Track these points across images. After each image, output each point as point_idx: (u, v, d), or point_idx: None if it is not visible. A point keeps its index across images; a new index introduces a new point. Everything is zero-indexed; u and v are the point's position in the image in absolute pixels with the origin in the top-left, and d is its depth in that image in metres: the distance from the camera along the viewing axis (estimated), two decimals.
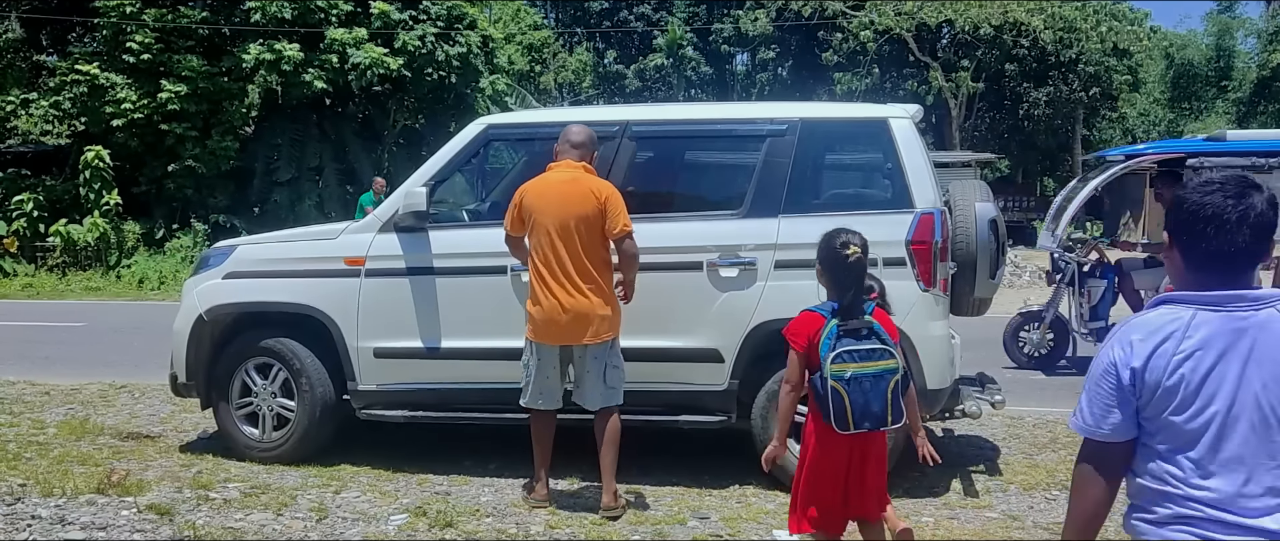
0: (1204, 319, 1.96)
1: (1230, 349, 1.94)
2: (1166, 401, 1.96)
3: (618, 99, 38.95)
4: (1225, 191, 1.97)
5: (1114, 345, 2.03)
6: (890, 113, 5.34)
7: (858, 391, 3.37)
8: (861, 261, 3.51)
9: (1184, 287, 2.02)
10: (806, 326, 3.50)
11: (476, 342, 5.33)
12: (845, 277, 3.50)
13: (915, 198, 5.06)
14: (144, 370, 8.44)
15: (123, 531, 4.44)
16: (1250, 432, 1.93)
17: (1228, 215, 1.96)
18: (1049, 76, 33.51)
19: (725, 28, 38.40)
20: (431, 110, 22.89)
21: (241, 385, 5.72)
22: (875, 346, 3.42)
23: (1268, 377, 1.93)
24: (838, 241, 3.53)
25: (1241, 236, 1.96)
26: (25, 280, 18.06)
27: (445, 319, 5.37)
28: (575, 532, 4.56)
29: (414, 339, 5.39)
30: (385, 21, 20.49)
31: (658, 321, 5.11)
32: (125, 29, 19.84)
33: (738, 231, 5.15)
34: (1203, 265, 2.00)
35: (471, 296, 5.37)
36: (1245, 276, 2.00)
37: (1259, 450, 1.92)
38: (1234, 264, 1.98)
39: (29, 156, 23.66)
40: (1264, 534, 1.88)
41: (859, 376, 3.37)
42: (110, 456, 5.82)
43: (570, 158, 4.85)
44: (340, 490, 5.17)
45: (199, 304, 5.72)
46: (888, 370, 3.41)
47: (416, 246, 5.40)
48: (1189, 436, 1.95)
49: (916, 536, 4.54)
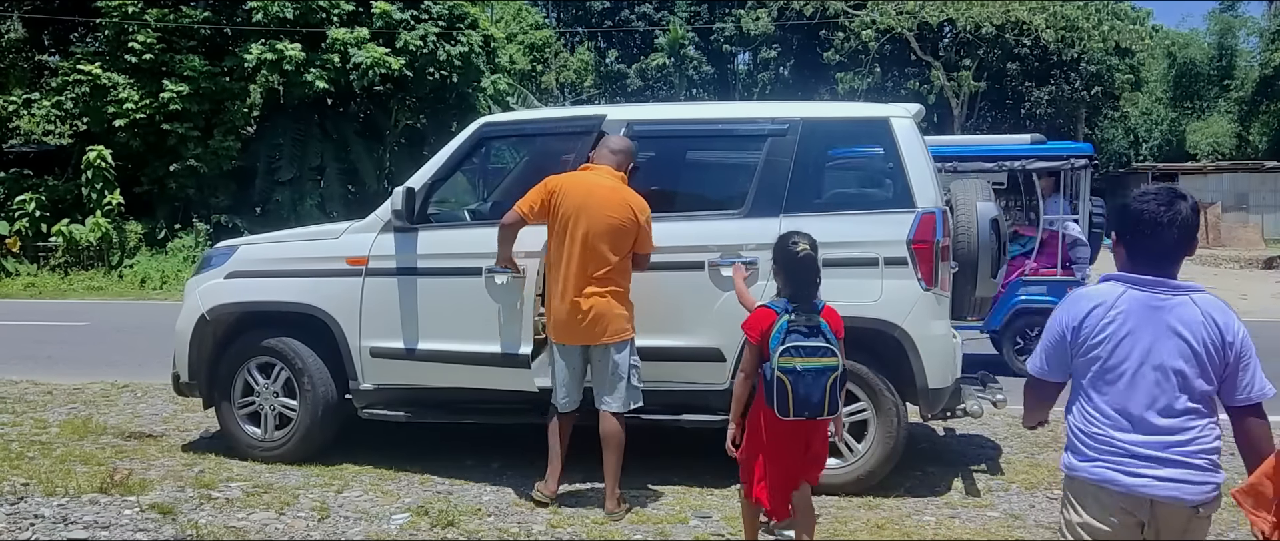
0: (1131, 296, 2.55)
1: (1146, 322, 2.53)
2: (1093, 352, 2.56)
3: (619, 98, 38.93)
4: (1159, 200, 2.55)
5: (1065, 307, 2.65)
6: (892, 112, 5.34)
7: (800, 384, 3.65)
8: (811, 258, 3.81)
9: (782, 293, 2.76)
10: (762, 321, 3.77)
11: (479, 344, 5.32)
12: (796, 274, 3.81)
13: (917, 197, 5.06)
14: (146, 370, 8.45)
15: (125, 530, 4.45)
16: (1153, 385, 2.51)
17: (1161, 218, 2.53)
18: (1051, 75, 33.50)
19: (727, 27, 38.37)
20: (433, 110, 22.89)
21: (244, 384, 5.73)
22: (820, 344, 3.71)
23: (1170, 347, 2.50)
24: (790, 241, 3.85)
25: (1170, 235, 2.54)
26: (28, 280, 18.08)
27: (448, 319, 5.37)
28: (577, 532, 4.57)
29: (416, 339, 5.39)
30: (387, 21, 20.50)
31: (660, 321, 5.11)
32: (127, 29, 19.86)
33: (739, 231, 5.15)
34: (1139, 256, 2.58)
35: (474, 297, 5.36)
36: (1172, 267, 2.57)
37: (1157, 399, 2.51)
38: (1164, 257, 2.56)
39: (31, 156, 23.68)
40: (1153, 459, 2.51)
41: (803, 370, 3.66)
42: (113, 456, 5.83)
43: (609, 165, 4.89)
44: (342, 489, 5.17)
45: (201, 303, 5.73)
46: (829, 367, 3.69)
47: (419, 246, 5.39)
48: (1108, 383, 2.55)
49: (917, 536, 4.55)
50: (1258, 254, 24.09)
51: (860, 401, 5.08)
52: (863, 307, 5.00)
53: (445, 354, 5.33)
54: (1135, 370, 2.52)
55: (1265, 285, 17.79)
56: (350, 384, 5.52)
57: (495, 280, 5.10)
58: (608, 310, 4.76)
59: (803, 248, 3.81)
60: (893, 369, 5.07)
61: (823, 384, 3.67)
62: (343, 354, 5.48)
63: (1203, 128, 39.13)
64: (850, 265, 5.04)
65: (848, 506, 4.94)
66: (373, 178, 21.69)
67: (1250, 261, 22.79)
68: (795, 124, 5.28)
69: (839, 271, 5.03)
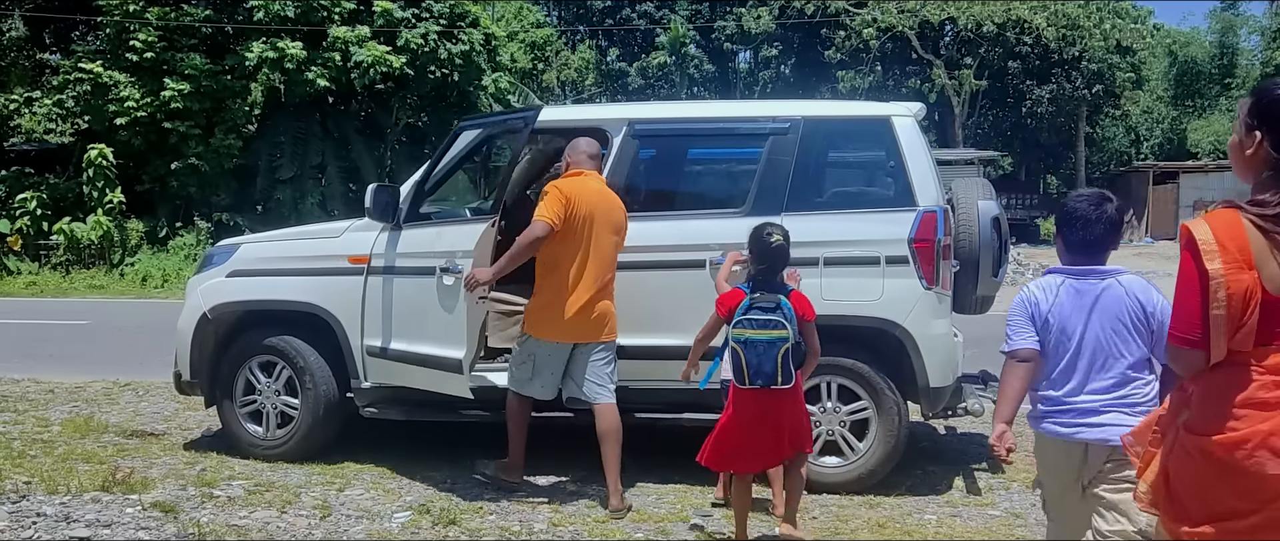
0: (1070, 284, 3.07)
1: (1081, 306, 3.04)
2: (1045, 336, 3.06)
3: (620, 96, 38.92)
4: (1089, 201, 3.11)
5: (1023, 297, 3.13)
6: (893, 110, 5.34)
7: (753, 353, 4.02)
8: (783, 247, 4.18)
9: (1063, 264, 3.16)
10: (731, 299, 4.18)
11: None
12: (765, 259, 4.18)
13: (918, 196, 5.06)
14: (148, 368, 8.45)
15: (127, 529, 4.45)
16: (1092, 358, 3.01)
17: (1090, 215, 3.08)
18: (1052, 74, 33.47)
19: (728, 25, 38.36)
20: (434, 108, 22.89)
21: (245, 383, 5.73)
22: (772, 318, 4.05)
23: (1103, 324, 3.01)
24: (764, 231, 4.22)
25: (1098, 229, 3.08)
26: (29, 278, 18.09)
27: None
28: (578, 530, 4.57)
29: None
30: (388, 19, 20.49)
31: (661, 319, 5.12)
32: (128, 27, 19.86)
33: (740, 229, 5.15)
34: (1073, 248, 3.12)
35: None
36: (1101, 257, 3.11)
37: (1096, 369, 3.01)
38: (1093, 248, 3.09)
39: (32, 155, 23.69)
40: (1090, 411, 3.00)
41: (754, 341, 4.02)
42: (115, 454, 5.84)
43: (590, 168, 4.98)
44: (344, 488, 5.18)
45: (203, 302, 5.73)
46: (779, 338, 4.03)
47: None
48: (1056, 359, 3.05)
49: (918, 534, 4.55)
50: None
51: (861, 400, 5.08)
52: (864, 306, 5.01)
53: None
54: (1077, 346, 3.01)
55: None
56: (352, 382, 5.53)
57: (444, 281, 5.01)
58: (609, 309, 4.93)
59: (776, 238, 4.16)
60: (894, 367, 5.08)
61: (774, 354, 4.01)
62: (344, 352, 5.48)
63: (1204, 126, 39.10)
64: (852, 264, 5.05)
65: (849, 505, 4.95)
66: (374, 176, 21.64)
67: None
68: (796, 123, 5.28)
69: (840, 270, 5.05)
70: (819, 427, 5.08)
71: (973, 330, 5.79)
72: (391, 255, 5.36)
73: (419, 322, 5.23)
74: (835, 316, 5.04)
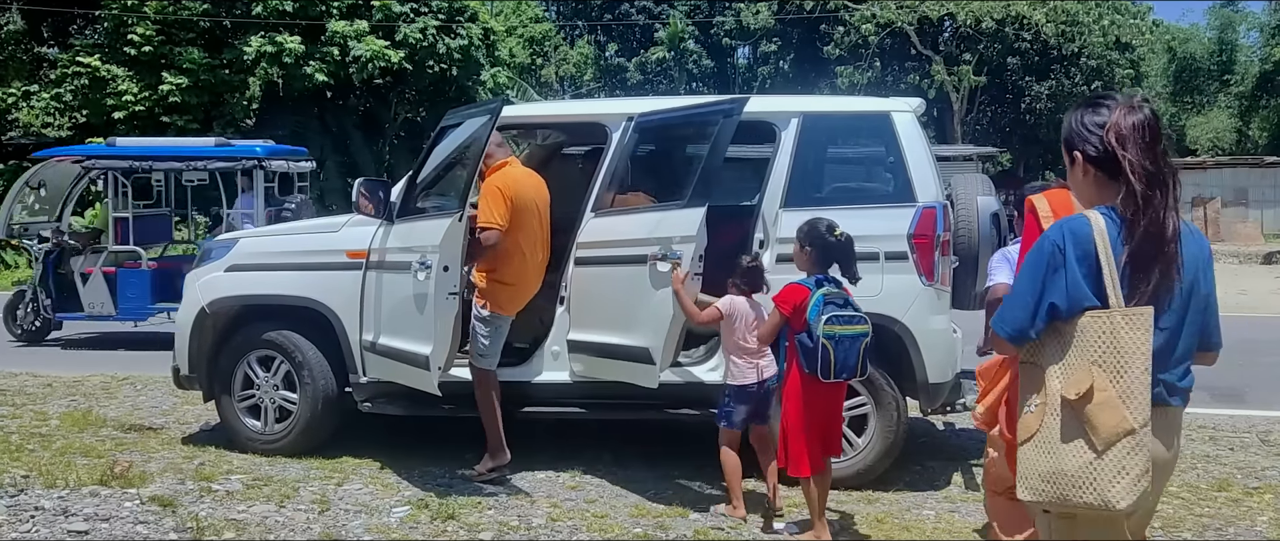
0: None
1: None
2: None
3: (619, 92, 38.87)
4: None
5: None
6: (892, 106, 5.34)
7: (841, 348, 4.13)
8: (848, 238, 4.32)
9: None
10: (795, 296, 4.25)
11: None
12: (830, 253, 4.33)
13: (917, 191, 5.06)
14: (146, 362, 8.45)
15: (125, 523, 4.45)
16: None
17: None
18: (1051, 70, 33.43)
19: (727, 21, 38.30)
20: (433, 103, 22.86)
21: (244, 377, 5.72)
22: (855, 313, 4.22)
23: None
24: (824, 226, 4.35)
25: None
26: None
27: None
28: (577, 524, 4.57)
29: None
30: (386, 14, 20.47)
31: (659, 314, 5.10)
32: (127, 21, 19.83)
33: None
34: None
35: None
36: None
37: None
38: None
39: (30, 148, 23.64)
40: None
41: (842, 336, 4.13)
42: (113, 448, 5.83)
43: (512, 156, 5.46)
44: (342, 482, 5.18)
45: (201, 297, 5.73)
46: (862, 333, 4.21)
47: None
48: None
49: (916, 530, 4.56)
50: (1257, 249, 24.08)
51: (859, 395, 5.08)
52: (863, 302, 4.99)
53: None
54: None
55: (1264, 281, 17.79)
56: (350, 378, 5.52)
57: (418, 276, 4.92)
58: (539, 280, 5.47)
59: (839, 231, 4.33)
60: (893, 363, 5.08)
61: (857, 347, 4.18)
62: (343, 348, 5.48)
63: (1203, 123, 39.10)
64: None
65: (847, 500, 4.95)
66: (372, 171, 21.64)
67: (1249, 257, 22.78)
68: (796, 118, 5.28)
69: None
70: None
71: (972, 326, 5.80)
72: (384, 250, 5.34)
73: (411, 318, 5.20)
74: None
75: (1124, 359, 2.18)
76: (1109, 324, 2.20)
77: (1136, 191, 2.22)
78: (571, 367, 5.27)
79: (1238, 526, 4.65)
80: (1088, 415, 2.19)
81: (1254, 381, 7.86)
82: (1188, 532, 4.57)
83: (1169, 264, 2.24)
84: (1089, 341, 2.22)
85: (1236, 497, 5.09)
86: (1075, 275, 2.24)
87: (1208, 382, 8.30)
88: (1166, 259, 2.24)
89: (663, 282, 4.64)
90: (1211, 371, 2.57)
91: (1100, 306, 2.23)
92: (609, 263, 5.11)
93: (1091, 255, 2.23)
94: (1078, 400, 2.20)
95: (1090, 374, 2.20)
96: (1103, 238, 2.23)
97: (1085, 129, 2.34)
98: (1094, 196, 2.33)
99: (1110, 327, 2.20)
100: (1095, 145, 2.30)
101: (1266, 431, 6.44)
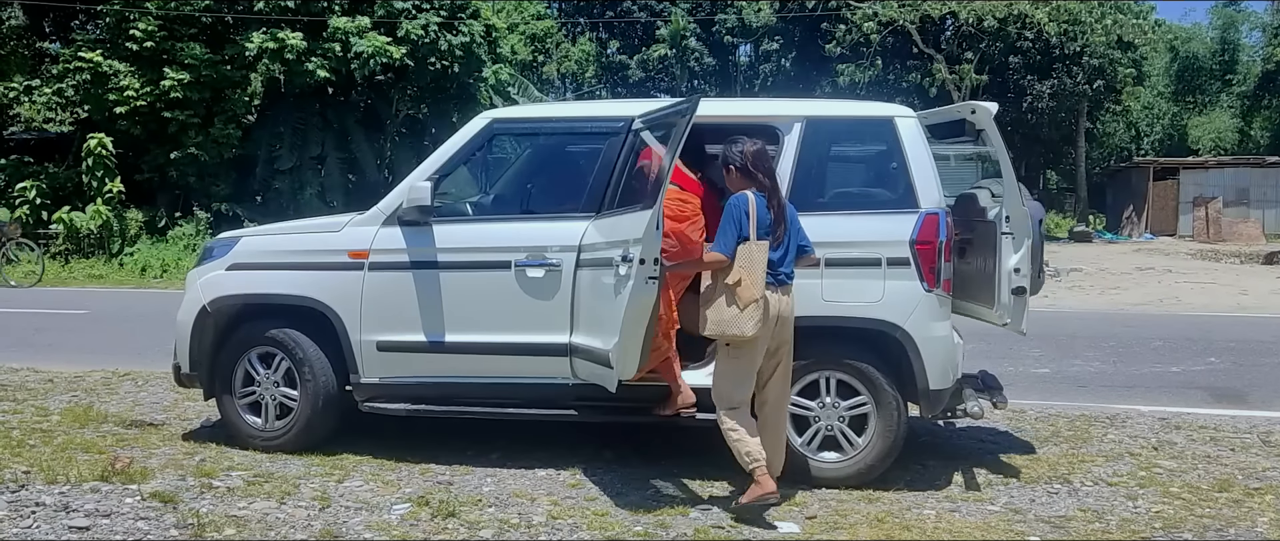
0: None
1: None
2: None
3: (620, 90, 38.89)
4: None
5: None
6: (896, 111, 5.33)
7: None
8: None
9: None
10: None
11: (480, 337, 5.33)
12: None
13: (920, 197, 5.05)
14: (147, 358, 8.46)
15: (126, 519, 4.45)
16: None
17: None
18: (1053, 69, 33.42)
19: (729, 19, 38.28)
20: (434, 99, 22.88)
21: (244, 374, 5.72)
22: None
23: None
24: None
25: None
26: (29, 267, 18.08)
27: (448, 313, 5.37)
28: (577, 522, 4.57)
29: (417, 333, 5.39)
30: (388, 10, 20.47)
31: (620, 318, 5.08)
32: (128, 16, 19.83)
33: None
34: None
35: (475, 291, 5.36)
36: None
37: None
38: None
39: (32, 144, 23.70)
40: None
41: None
42: (114, 444, 5.84)
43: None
44: (343, 479, 5.18)
45: (203, 295, 5.72)
46: None
47: (420, 240, 5.39)
48: None
49: (917, 529, 4.56)
50: (1258, 249, 24.07)
51: (860, 395, 5.08)
52: (865, 308, 5.01)
53: (447, 346, 5.33)
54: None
55: (1265, 280, 17.79)
56: (351, 378, 5.52)
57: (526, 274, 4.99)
58: None
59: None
60: (894, 369, 5.08)
61: None
62: (344, 347, 5.47)
63: (1204, 122, 39.12)
64: (853, 265, 5.05)
65: (848, 499, 4.95)
66: (373, 167, 21.69)
67: (1251, 256, 22.79)
68: (798, 123, 5.27)
69: (841, 271, 5.05)
70: (818, 422, 5.09)
71: (975, 328, 5.80)
72: (435, 250, 5.33)
73: (466, 315, 5.27)
74: (835, 317, 5.06)
75: (755, 266, 4.47)
76: (749, 248, 4.48)
77: (767, 185, 4.62)
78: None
79: (1238, 527, 4.65)
80: (737, 293, 4.45)
81: (1255, 382, 7.85)
82: (1188, 533, 4.57)
83: (780, 218, 4.61)
84: (741, 257, 4.47)
85: (1237, 498, 5.09)
86: (743, 224, 4.50)
87: (1209, 383, 8.35)
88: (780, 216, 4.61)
89: (622, 287, 4.54)
90: (1212, 372, 2.56)
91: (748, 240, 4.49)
92: (590, 266, 5.10)
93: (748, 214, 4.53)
94: (733, 285, 4.48)
95: (740, 272, 4.45)
96: (753, 206, 4.53)
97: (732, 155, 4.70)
98: (743, 186, 4.63)
99: (749, 250, 4.48)
100: (737, 161, 4.68)
101: (1268, 432, 6.44)
